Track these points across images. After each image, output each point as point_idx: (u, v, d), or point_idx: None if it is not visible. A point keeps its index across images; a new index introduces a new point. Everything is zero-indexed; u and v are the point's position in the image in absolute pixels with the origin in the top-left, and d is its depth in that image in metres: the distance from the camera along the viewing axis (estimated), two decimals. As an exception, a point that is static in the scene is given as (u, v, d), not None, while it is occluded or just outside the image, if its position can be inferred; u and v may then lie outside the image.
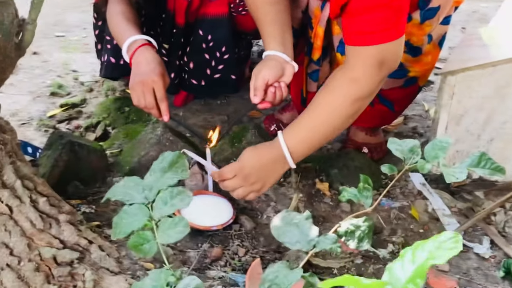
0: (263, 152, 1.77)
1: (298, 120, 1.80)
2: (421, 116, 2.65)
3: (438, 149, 1.31)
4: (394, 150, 1.35)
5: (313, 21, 2.10)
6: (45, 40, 3.28)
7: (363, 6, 1.67)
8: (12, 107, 2.65)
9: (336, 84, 1.76)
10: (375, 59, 1.70)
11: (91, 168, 2.05)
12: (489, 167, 1.29)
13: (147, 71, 1.92)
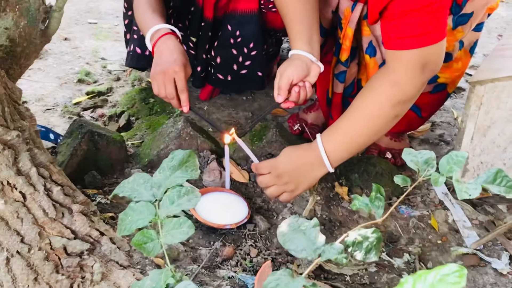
0: (300, 153, 1.77)
1: (337, 123, 1.78)
2: (449, 124, 2.60)
3: (453, 163, 1.27)
4: (408, 161, 1.32)
5: (343, 22, 2.07)
6: (77, 27, 3.29)
7: (402, 10, 1.65)
8: (38, 92, 2.66)
9: (377, 87, 1.74)
10: (417, 62, 1.69)
11: (110, 158, 2.05)
12: (505, 185, 1.25)
13: (169, 61, 1.90)
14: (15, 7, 1.71)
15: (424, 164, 1.32)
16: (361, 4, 2.00)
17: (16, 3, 1.71)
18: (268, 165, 1.77)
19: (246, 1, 2.35)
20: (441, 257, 1.86)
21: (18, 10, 1.72)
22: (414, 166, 1.31)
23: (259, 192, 1.99)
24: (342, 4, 2.06)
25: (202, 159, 2.06)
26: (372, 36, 2.09)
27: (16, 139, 1.56)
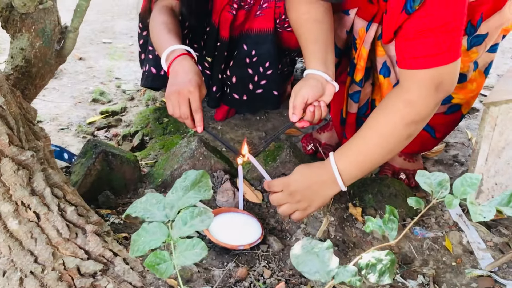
0: (313, 171, 1.77)
1: (350, 141, 1.78)
2: (463, 144, 2.59)
3: (467, 185, 1.26)
4: (422, 183, 1.31)
5: (358, 42, 2.08)
6: (91, 46, 3.31)
7: (417, 30, 1.65)
8: (53, 112, 2.68)
9: (391, 106, 1.74)
10: (432, 82, 1.68)
11: (124, 178, 2.05)
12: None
13: (184, 81, 1.91)
14: (31, 27, 1.73)
15: (438, 186, 1.31)
16: (375, 25, 2.01)
17: (31, 24, 1.72)
18: (280, 183, 1.77)
19: (262, 21, 2.37)
20: (455, 279, 1.84)
21: (33, 31, 1.74)
22: (428, 188, 1.31)
23: (272, 212, 1.98)
24: (357, 25, 2.07)
25: (215, 179, 2.06)
26: (386, 56, 2.09)
27: (30, 159, 1.57)
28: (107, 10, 3.71)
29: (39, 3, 1.72)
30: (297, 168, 1.78)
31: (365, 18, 2.03)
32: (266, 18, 2.36)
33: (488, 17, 1.96)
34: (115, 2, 3.85)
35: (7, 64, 1.78)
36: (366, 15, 2.03)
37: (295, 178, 1.75)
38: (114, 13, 3.72)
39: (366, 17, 2.03)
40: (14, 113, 1.55)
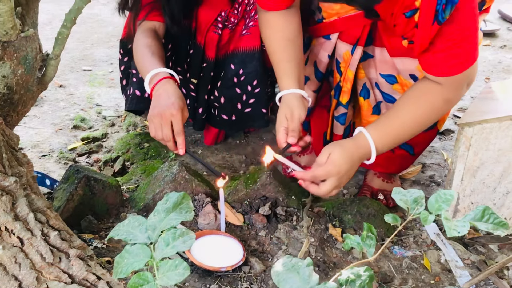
0: (352, 151, 1.85)
1: (385, 121, 1.91)
2: (439, 165, 2.64)
3: (441, 201, 1.30)
4: (398, 200, 1.35)
5: (342, 65, 2.13)
6: (72, 74, 3.33)
7: (447, 42, 1.76)
8: (34, 139, 2.69)
9: (432, 101, 1.89)
10: (465, 80, 1.87)
11: (106, 203, 2.07)
12: (492, 222, 1.28)
13: (167, 104, 1.95)
14: (13, 55, 1.74)
15: (414, 202, 1.35)
16: (360, 47, 2.07)
17: (14, 52, 1.74)
18: (325, 171, 1.81)
19: (248, 39, 2.40)
20: (434, 297, 1.88)
21: (15, 59, 1.75)
22: (404, 205, 1.35)
23: (253, 234, 2.01)
24: (340, 49, 2.12)
25: (197, 202, 2.08)
26: (366, 78, 2.15)
27: (14, 185, 1.59)
28: (86, 38, 3.73)
29: (21, 31, 1.74)
30: (335, 153, 1.82)
31: (349, 41, 2.09)
32: (252, 36, 2.39)
33: None
34: (95, 30, 3.88)
35: (-12, 92, 1.80)
36: (350, 39, 2.08)
37: (340, 163, 1.81)
38: (94, 40, 3.74)
39: (350, 40, 2.09)
40: (-3, 139, 1.57)
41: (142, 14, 2.31)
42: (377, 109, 2.22)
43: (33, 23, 1.85)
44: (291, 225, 2.05)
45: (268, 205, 2.08)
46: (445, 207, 1.32)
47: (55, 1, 3.92)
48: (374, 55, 2.13)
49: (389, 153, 2.32)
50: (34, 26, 1.85)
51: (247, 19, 2.41)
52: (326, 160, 1.81)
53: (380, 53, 2.10)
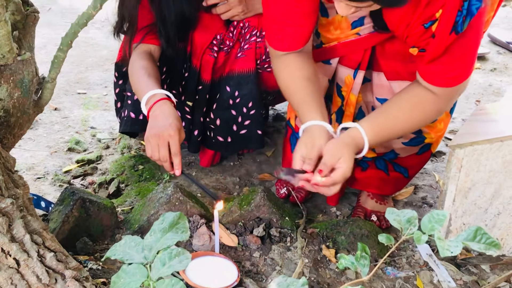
0: (354, 149, 1.88)
1: (379, 123, 1.94)
2: (431, 187, 2.67)
3: (434, 221, 1.33)
4: (391, 220, 1.37)
5: (344, 89, 2.16)
6: (66, 97, 3.35)
7: (451, 59, 1.82)
8: (29, 161, 2.71)
9: (426, 111, 1.96)
10: (458, 92, 1.94)
11: (101, 225, 2.08)
12: (485, 242, 1.30)
13: (165, 125, 1.97)
14: (10, 78, 1.77)
15: (407, 222, 1.37)
16: (362, 72, 2.09)
17: (10, 75, 1.76)
18: (342, 176, 1.83)
19: (244, 62, 2.42)
20: (427, 317, 1.89)
21: (12, 82, 1.77)
22: (397, 225, 1.37)
23: (248, 255, 2.02)
24: (342, 73, 2.14)
25: (191, 223, 2.09)
26: (362, 102, 2.18)
27: (10, 206, 1.60)
28: (81, 61, 3.76)
29: (18, 55, 1.76)
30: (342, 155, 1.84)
31: (350, 66, 2.12)
32: (247, 59, 2.42)
33: None
34: (89, 53, 3.91)
35: (-15, 115, 1.82)
36: (351, 63, 2.11)
37: (350, 164, 1.84)
38: (88, 64, 3.77)
39: (351, 65, 2.12)
40: (-7, 162, 1.58)
41: (138, 37, 2.34)
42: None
43: (29, 47, 1.88)
44: (285, 246, 2.07)
45: (262, 226, 2.09)
46: (438, 227, 1.34)
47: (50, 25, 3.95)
48: (371, 79, 2.16)
49: (383, 175, 2.34)
50: (30, 50, 1.87)
51: (242, 42, 2.44)
52: (338, 162, 1.82)
53: (377, 77, 2.13)
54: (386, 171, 2.33)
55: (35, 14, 1.88)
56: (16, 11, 1.80)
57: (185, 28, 2.41)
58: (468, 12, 1.69)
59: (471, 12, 1.69)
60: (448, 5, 1.69)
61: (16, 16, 1.81)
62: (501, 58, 3.96)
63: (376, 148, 2.28)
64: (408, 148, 2.25)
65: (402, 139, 2.21)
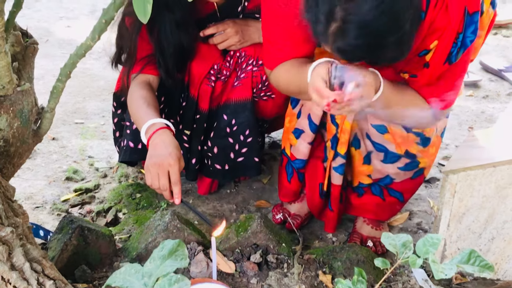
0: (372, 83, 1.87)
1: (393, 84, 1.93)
2: (426, 212, 2.69)
3: (429, 245, 1.35)
4: (387, 244, 1.40)
5: (338, 117, 2.18)
6: (64, 127, 3.38)
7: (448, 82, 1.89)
8: (27, 191, 2.73)
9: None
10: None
11: (99, 253, 2.10)
12: (478, 264, 1.33)
13: (165, 154, 2.00)
14: (9, 109, 1.79)
15: (402, 246, 1.40)
16: None
17: (10, 105, 1.79)
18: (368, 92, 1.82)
19: (240, 91, 2.46)
20: None
21: (12, 112, 1.80)
22: (393, 249, 1.39)
23: (245, 282, 2.04)
24: None
25: (189, 251, 2.11)
26: (357, 129, 2.21)
27: (10, 235, 1.62)
28: (79, 91, 3.79)
29: (17, 85, 1.80)
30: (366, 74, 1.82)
31: None
32: (244, 87, 2.45)
33: None
34: (87, 84, 3.94)
35: (-15, 145, 1.84)
36: None
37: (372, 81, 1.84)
38: (86, 94, 3.80)
39: None
40: (-7, 191, 1.61)
41: (137, 68, 2.38)
42: (368, 159, 2.27)
43: (29, 78, 1.91)
44: (282, 272, 2.08)
45: (259, 252, 2.11)
46: (433, 250, 1.37)
47: (47, 56, 3.98)
48: None
49: (379, 200, 2.37)
50: (30, 81, 1.91)
51: (239, 71, 2.48)
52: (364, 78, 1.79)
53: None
54: (382, 196, 2.36)
55: (35, 46, 1.92)
56: (16, 42, 1.84)
57: (183, 59, 2.45)
58: (462, 44, 1.74)
59: (465, 44, 1.75)
60: (444, 37, 1.75)
61: (16, 47, 1.85)
62: (493, 85, 4.01)
63: (372, 174, 2.31)
64: (402, 172, 2.27)
65: (397, 164, 2.24)
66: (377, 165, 2.27)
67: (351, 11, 1.57)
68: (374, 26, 1.58)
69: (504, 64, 4.19)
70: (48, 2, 5.48)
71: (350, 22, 1.59)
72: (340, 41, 1.63)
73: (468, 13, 1.72)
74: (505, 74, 4.07)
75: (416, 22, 1.70)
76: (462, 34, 1.73)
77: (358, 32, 1.59)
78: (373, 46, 1.63)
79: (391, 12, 1.58)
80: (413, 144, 2.20)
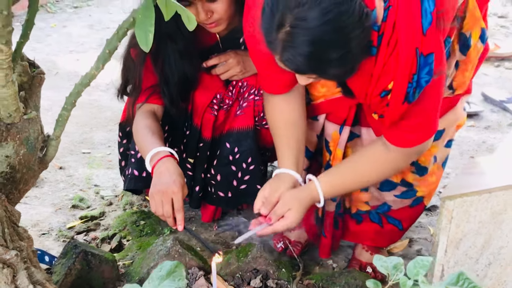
0: (308, 202, 2.05)
1: (336, 177, 2.10)
2: (426, 239, 2.72)
3: (419, 267, 1.39)
4: (379, 266, 1.44)
5: (331, 144, 2.24)
6: (71, 156, 3.44)
7: (414, 119, 1.92)
8: (34, 218, 2.78)
9: (382, 165, 2.07)
10: (416, 152, 2.03)
11: (102, 277, 2.14)
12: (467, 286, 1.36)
13: (168, 182, 2.05)
14: (16, 136, 1.84)
15: (393, 268, 1.44)
16: (348, 127, 2.18)
17: (17, 133, 1.83)
18: (282, 227, 2.04)
19: (242, 119, 2.50)
20: None
21: (18, 139, 1.84)
22: (384, 271, 1.43)
23: (245, 306, 2.07)
24: (329, 129, 2.23)
25: (190, 275, 2.14)
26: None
27: (14, 258, 1.66)
28: (85, 122, 3.85)
29: (24, 114, 1.85)
30: (292, 207, 2.02)
31: (336, 122, 2.20)
32: (246, 116, 2.50)
33: (444, 114, 2.15)
34: (93, 115, 4.00)
35: (-8, 170, 1.89)
36: (337, 119, 2.20)
37: (294, 218, 2.02)
38: (93, 125, 3.86)
39: (337, 121, 2.20)
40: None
41: (142, 98, 2.44)
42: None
43: (35, 106, 1.96)
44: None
45: (259, 277, 2.14)
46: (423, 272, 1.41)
47: (56, 88, 4.04)
48: (360, 135, 2.24)
49: (378, 227, 2.40)
50: (36, 109, 1.96)
51: (241, 100, 2.53)
52: (287, 213, 2.01)
53: (367, 132, 2.21)
54: (381, 224, 2.39)
55: (41, 76, 1.98)
56: (23, 72, 1.90)
57: (187, 88, 2.51)
58: (417, 84, 1.79)
59: (420, 85, 1.80)
60: (397, 78, 1.79)
61: (23, 77, 1.90)
62: (495, 116, 4.06)
63: (369, 201, 2.35)
64: (400, 200, 2.31)
65: (394, 192, 2.28)
66: (374, 192, 2.32)
67: (298, 18, 1.61)
68: (318, 35, 1.61)
69: (506, 95, 4.24)
70: (58, 36, 5.59)
71: (296, 28, 1.62)
72: (287, 48, 1.66)
73: (422, 54, 1.75)
74: (507, 105, 4.12)
75: (363, 46, 1.73)
76: (416, 75, 1.77)
77: (303, 39, 1.62)
78: (316, 57, 1.66)
79: (336, 23, 1.61)
80: (408, 173, 2.25)
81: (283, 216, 2.01)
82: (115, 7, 6.50)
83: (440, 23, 1.75)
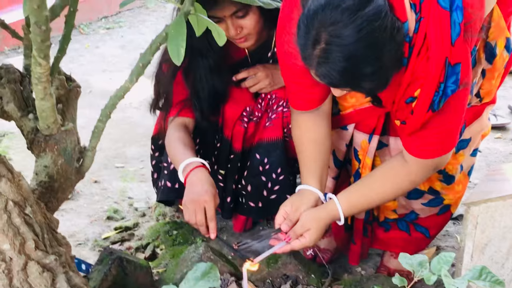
0: (326, 221, 2.09)
1: (354, 195, 2.13)
2: (453, 248, 2.74)
3: (443, 262, 1.44)
4: (404, 263, 1.49)
5: (360, 153, 2.28)
6: (105, 171, 3.53)
7: (430, 132, 1.95)
8: (70, 229, 2.87)
9: (399, 182, 2.09)
10: (433, 166, 2.04)
11: (137, 283, 2.20)
12: (489, 280, 1.40)
13: (201, 191, 2.12)
14: (54, 147, 1.92)
15: (419, 265, 1.49)
16: (377, 136, 2.22)
17: (54, 144, 1.91)
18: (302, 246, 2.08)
19: (271, 130, 2.56)
20: None
21: (56, 150, 1.92)
22: (410, 268, 1.49)
23: (276, 312, 2.12)
24: (358, 138, 2.28)
25: (222, 281, 2.19)
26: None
27: (54, 262, 1.73)
28: (119, 138, 3.95)
29: (61, 125, 1.93)
30: (311, 227, 2.05)
31: (365, 131, 2.24)
32: (275, 127, 2.55)
33: (470, 124, 2.21)
34: (126, 131, 4.09)
35: (32, 180, 1.97)
36: (366, 129, 2.24)
37: (312, 238, 2.06)
38: (126, 140, 3.95)
39: (366, 130, 2.24)
40: (39, 221, 1.72)
41: (174, 112, 2.52)
42: (392, 195, 2.36)
43: (72, 118, 2.05)
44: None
45: (289, 283, 2.19)
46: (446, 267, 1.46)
47: (91, 106, 4.14)
48: (388, 144, 2.28)
49: (405, 235, 2.44)
50: (73, 121, 2.04)
51: (270, 112, 2.59)
52: (305, 233, 2.05)
53: (394, 142, 2.25)
54: (408, 232, 2.43)
55: (77, 89, 2.07)
56: (60, 86, 1.99)
57: (217, 102, 2.58)
58: (443, 93, 1.83)
59: (446, 93, 1.83)
60: (426, 86, 1.83)
61: (60, 90, 1.99)
62: (522, 129, 4.09)
63: (397, 209, 2.39)
64: (427, 208, 2.35)
65: (421, 200, 2.32)
66: (402, 200, 2.36)
67: (334, 35, 1.66)
68: (352, 51, 1.65)
69: (533, 107, 4.26)
70: (91, 56, 5.74)
71: (331, 45, 1.67)
72: (322, 64, 1.71)
73: (450, 63, 1.79)
74: (534, 118, 4.14)
75: (395, 61, 1.78)
76: (444, 83, 1.81)
77: (337, 56, 1.67)
78: (351, 72, 1.70)
79: (370, 39, 1.65)
80: (436, 181, 2.29)
81: (302, 235, 2.06)
82: (147, 28, 6.65)
83: (467, 34, 1.79)
